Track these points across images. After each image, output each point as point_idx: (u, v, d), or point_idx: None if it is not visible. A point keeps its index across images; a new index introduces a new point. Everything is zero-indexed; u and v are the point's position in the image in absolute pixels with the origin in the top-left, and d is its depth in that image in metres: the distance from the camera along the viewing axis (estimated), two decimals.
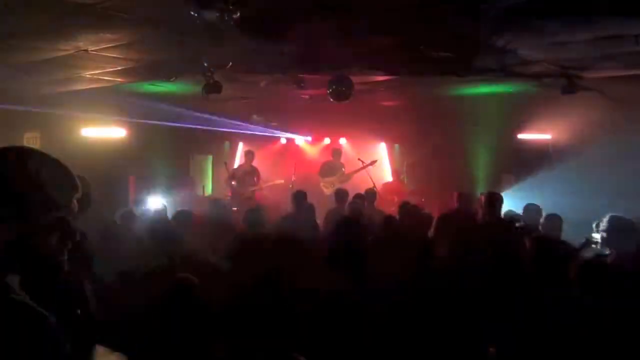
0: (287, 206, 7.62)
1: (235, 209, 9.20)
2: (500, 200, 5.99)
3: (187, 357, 2.79)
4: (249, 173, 10.28)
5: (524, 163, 9.47)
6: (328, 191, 10.48)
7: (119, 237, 5.13)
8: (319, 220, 7.17)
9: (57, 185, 1.34)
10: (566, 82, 6.80)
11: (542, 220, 5.95)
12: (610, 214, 4.47)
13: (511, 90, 8.11)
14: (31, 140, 9.22)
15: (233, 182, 10.01)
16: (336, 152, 11.24)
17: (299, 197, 7.19)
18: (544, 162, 9.00)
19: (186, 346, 2.80)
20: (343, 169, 10.96)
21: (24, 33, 5.18)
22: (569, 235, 5.27)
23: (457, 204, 6.83)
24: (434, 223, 5.79)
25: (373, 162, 11.01)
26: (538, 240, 3.87)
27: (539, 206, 6.46)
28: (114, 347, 2.71)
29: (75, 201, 1.38)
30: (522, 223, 5.83)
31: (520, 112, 9.42)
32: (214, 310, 2.96)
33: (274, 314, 2.92)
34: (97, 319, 2.66)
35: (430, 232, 5.72)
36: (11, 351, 1.10)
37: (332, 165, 11.00)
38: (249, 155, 10.56)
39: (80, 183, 1.42)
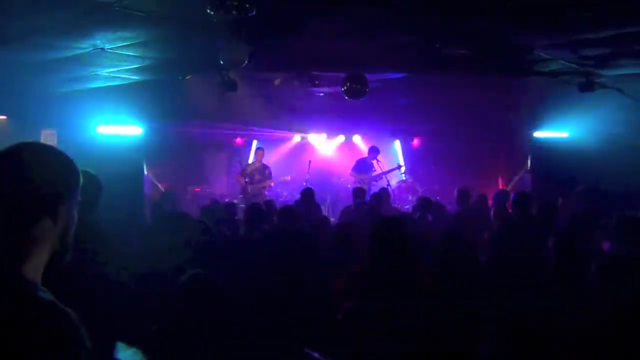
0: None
1: (243, 205, 9.26)
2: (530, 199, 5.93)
3: (202, 351, 2.80)
4: (259, 170, 10.32)
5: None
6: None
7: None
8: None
9: (61, 176, 1.35)
10: (584, 80, 6.72)
11: None
12: None
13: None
14: (48, 137, 9.30)
15: (245, 179, 10.05)
16: (372, 149, 11.16)
17: (308, 194, 7.21)
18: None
19: (201, 340, 2.81)
20: (374, 169, 10.93)
21: (41, 31, 5.22)
22: None
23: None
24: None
25: (400, 167, 11.29)
26: (560, 241, 3.87)
27: None
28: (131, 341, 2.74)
29: (78, 191, 1.39)
30: None
31: (538, 110, 9.33)
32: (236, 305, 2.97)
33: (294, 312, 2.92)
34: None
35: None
36: (37, 350, 1.11)
37: (366, 162, 10.96)
38: (259, 152, 10.60)
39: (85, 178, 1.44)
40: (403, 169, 12.14)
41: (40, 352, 1.11)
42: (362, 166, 10.86)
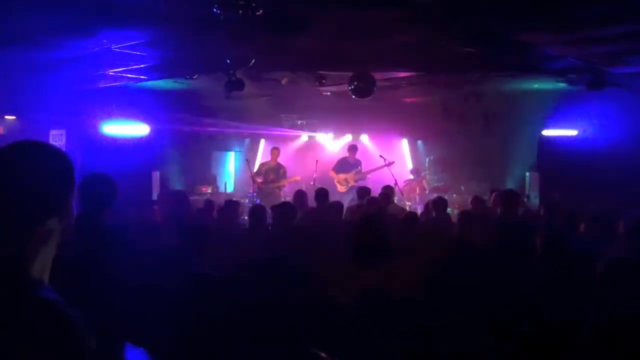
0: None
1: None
2: (517, 198, 5.93)
3: (206, 351, 2.80)
4: (274, 169, 10.30)
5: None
6: (341, 188, 10.44)
7: None
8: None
9: (64, 174, 1.35)
10: (593, 78, 6.66)
11: None
12: None
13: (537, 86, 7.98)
14: (57, 137, 9.35)
15: (258, 179, 10.05)
16: (352, 148, 11.12)
17: (321, 194, 7.20)
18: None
19: (206, 340, 2.81)
20: (359, 167, 10.84)
21: (48, 30, 5.24)
22: None
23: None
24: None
25: (391, 163, 10.72)
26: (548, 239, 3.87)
27: None
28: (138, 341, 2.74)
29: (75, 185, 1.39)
30: None
31: (546, 109, 9.26)
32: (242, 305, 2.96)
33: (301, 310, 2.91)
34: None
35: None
36: (40, 350, 1.11)
37: (347, 161, 10.90)
38: (274, 152, 10.58)
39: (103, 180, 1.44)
40: (409, 167, 12.12)
41: (44, 351, 1.11)
42: (342, 165, 10.81)
